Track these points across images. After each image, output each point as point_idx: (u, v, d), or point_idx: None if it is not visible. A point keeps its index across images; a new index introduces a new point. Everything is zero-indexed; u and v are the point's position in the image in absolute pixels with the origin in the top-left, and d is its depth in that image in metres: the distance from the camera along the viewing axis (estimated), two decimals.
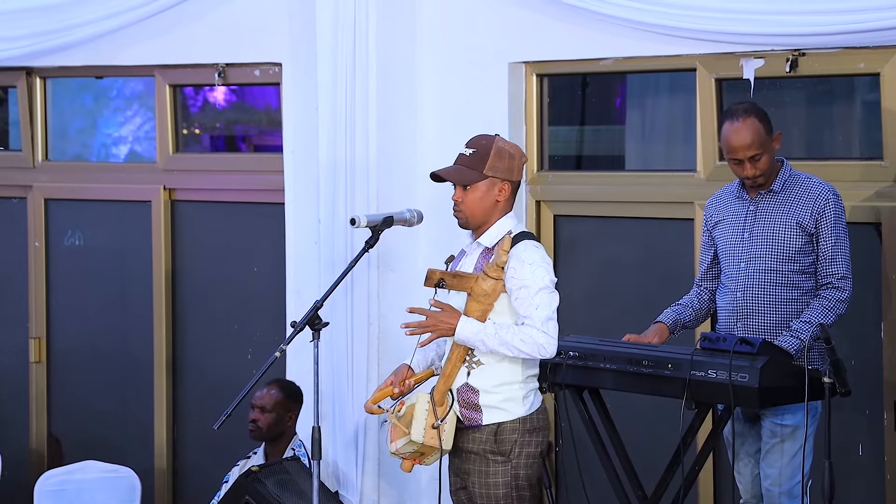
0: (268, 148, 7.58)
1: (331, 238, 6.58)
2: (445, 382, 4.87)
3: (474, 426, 4.87)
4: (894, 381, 5.63)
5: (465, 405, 4.87)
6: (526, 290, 4.79)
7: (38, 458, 7.87)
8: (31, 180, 7.87)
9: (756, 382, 4.88)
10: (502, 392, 4.86)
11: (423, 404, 4.86)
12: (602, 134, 6.92)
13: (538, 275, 4.81)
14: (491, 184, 4.88)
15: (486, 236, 4.92)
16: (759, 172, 5.24)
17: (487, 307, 4.82)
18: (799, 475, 5.18)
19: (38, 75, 7.79)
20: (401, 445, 4.88)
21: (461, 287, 4.85)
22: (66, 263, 7.83)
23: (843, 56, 5.69)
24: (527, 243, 4.86)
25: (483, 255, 4.91)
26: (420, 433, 4.83)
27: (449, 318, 4.82)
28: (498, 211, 4.91)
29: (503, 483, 4.86)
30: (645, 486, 5.35)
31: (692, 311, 5.50)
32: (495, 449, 4.85)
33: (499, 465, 4.86)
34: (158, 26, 7.15)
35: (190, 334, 7.48)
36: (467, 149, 4.92)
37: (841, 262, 5.22)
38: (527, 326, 4.78)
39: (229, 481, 6.41)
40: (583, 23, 6.16)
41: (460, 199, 4.90)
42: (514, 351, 4.79)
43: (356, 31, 6.46)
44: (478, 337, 4.80)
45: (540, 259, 4.84)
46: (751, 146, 5.21)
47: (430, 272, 4.86)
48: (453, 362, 4.87)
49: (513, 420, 4.86)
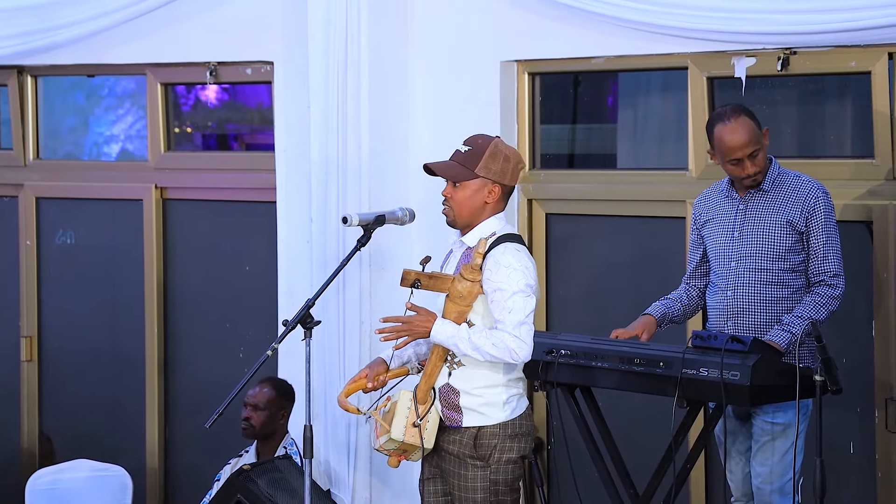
0: (260, 147, 7.57)
1: (323, 237, 6.57)
2: (427, 381, 4.86)
3: (455, 427, 4.85)
4: (885, 379, 5.64)
5: (446, 405, 4.85)
6: (500, 294, 4.75)
7: (30, 456, 7.86)
8: (23, 179, 7.86)
9: (747, 381, 4.89)
10: (483, 395, 4.83)
11: (405, 402, 4.84)
12: (594, 132, 6.92)
13: (513, 278, 4.75)
14: (482, 184, 4.85)
15: (470, 236, 4.89)
16: (759, 169, 5.24)
17: (465, 309, 4.79)
18: (790, 473, 5.19)
19: (29, 74, 7.78)
20: (383, 442, 4.87)
21: (437, 288, 4.83)
22: (57, 262, 7.82)
23: (834, 55, 5.70)
24: (507, 246, 4.81)
25: (465, 255, 4.89)
26: (400, 431, 4.81)
27: (424, 322, 4.78)
28: (486, 213, 4.87)
29: (481, 488, 4.82)
30: (636, 484, 5.35)
31: (681, 305, 5.50)
32: (474, 453, 4.82)
33: (478, 469, 4.83)
34: (150, 25, 7.14)
35: (182, 333, 7.48)
36: (464, 146, 4.90)
37: (833, 259, 5.23)
38: (499, 331, 4.75)
39: (221, 480, 6.40)
40: (575, 21, 6.16)
41: (450, 195, 4.88)
42: (485, 355, 4.75)
43: (348, 29, 6.46)
44: (452, 341, 4.77)
45: (517, 262, 4.78)
46: (748, 143, 5.22)
47: (406, 273, 4.84)
48: (434, 361, 4.85)
49: (493, 425, 4.83)
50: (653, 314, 5.46)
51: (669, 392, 5.04)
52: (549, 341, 5.35)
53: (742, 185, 5.32)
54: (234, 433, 6.46)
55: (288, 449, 6.39)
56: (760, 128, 5.27)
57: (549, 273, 6.55)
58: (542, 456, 6.50)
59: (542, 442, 6.48)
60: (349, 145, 6.50)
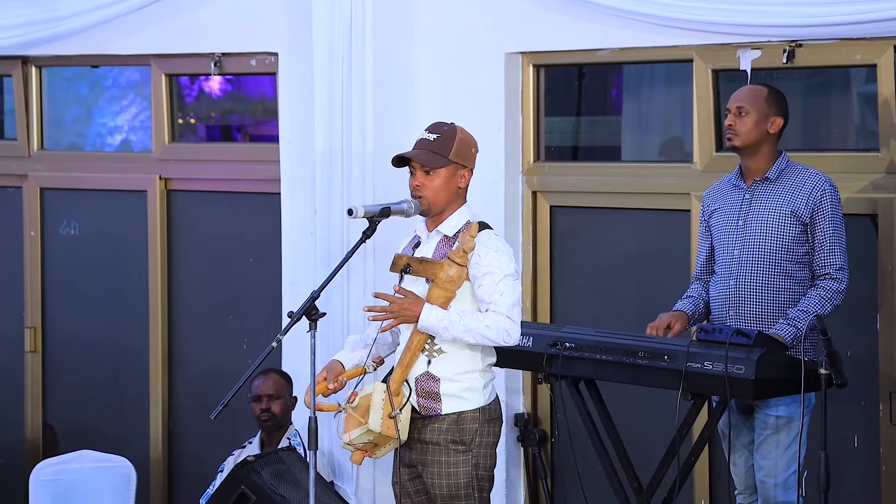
0: (264, 138, 7.57)
1: (327, 228, 6.57)
2: (403, 372, 4.85)
3: (433, 416, 4.84)
4: (890, 373, 5.63)
5: (423, 395, 4.85)
6: (491, 277, 4.78)
7: (34, 447, 7.87)
8: (27, 169, 7.86)
9: (752, 374, 4.88)
10: (463, 381, 4.84)
11: (379, 393, 4.83)
12: (598, 125, 6.92)
13: (503, 262, 4.80)
14: (454, 170, 4.89)
15: (446, 224, 4.91)
16: (738, 127, 5.25)
17: (451, 294, 4.81)
18: (794, 466, 5.19)
19: (33, 64, 7.77)
20: (356, 436, 4.83)
21: (427, 273, 4.83)
22: (61, 253, 7.82)
23: (839, 47, 5.69)
24: (489, 232, 4.87)
25: (443, 244, 4.89)
26: (378, 422, 4.79)
27: (413, 306, 4.79)
28: (458, 198, 4.91)
29: (464, 473, 4.82)
30: (641, 477, 5.35)
31: (703, 303, 5.48)
32: (457, 438, 4.82)
33: (460, 454, 4.83)
34: (154, 15, 7.14)
35: (185, 324, 7.48)
36: (430, 134, 4.92)
37: (838, 253, 5.23)
38: (491, 313, 4.77)
39: (224, 471, 6.41)
40: (579, 13, 6.15)
41: (421, 184, 4.89)
42: (477, 338, 4.77)
43: (352, 20, 6.45)
44: (442, 324, 4.77)
45: (504, 247, 4.85)
46: (743, 99, 5.30)
47: (397, 257, 4.86)
48: (413, 351, 4.85)
49: (473, 409, 4.84)
50: (684, 310, 5.44)
51: (674, 385, 5.04)
52: (554, 334, 5.35)
53: (726, 139, 5.33)
54: (238, 424, 6.46)
55: (292, 440, 6.39)
56: (775, 110, 5.27)
57: (554, 265, 6.54)
58: (545, 448, 6.50)
59: (547, 435, 6.49)
60: (353, 137, 6.50)
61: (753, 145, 5.29)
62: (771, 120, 5.30)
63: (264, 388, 6.43)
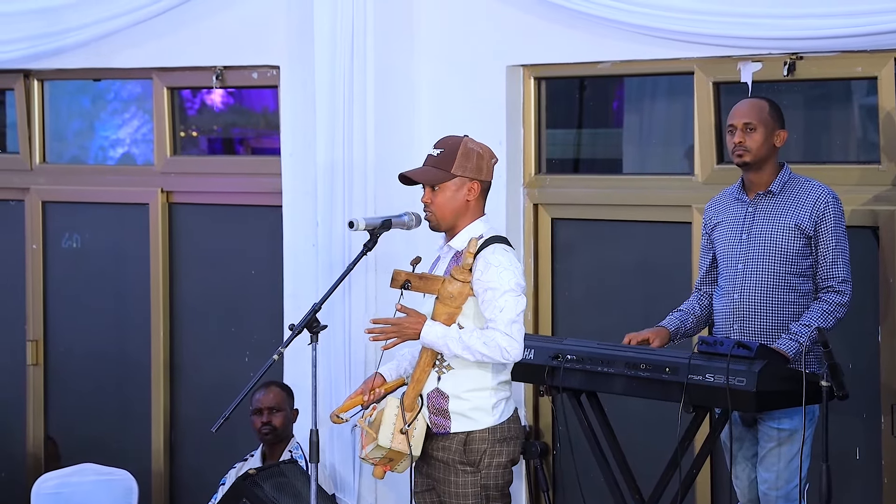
0: (265, 151, 7.58)
1: (328, 241, 6.57)
2: (415, 387, 4.85)
3: (443, 433, 4.84)
4: (892, 385, 5.63)
5: (434, 411, 4.84)
6: (492, 293, 4.76)
7: (35, 460, 7.87)
8: (29, 183, 7.87)
9: (753, 386, 4.88)
10: (472, 399, 4.82)
11: (391, 409, 4.83)
12: (600, 137, 6.92)
13: (504, 277, 4.76)
14: (460, 183, 4.86)
15: (457, 240, 4.90)
16: (748, 144, 5.25)
17: (455, 310, 4.79)
18: (796, 479, 5.18)
19: (35, 78, 7.78)
20: (370, 451, 4.85)
21: (427, 289, 4.83)
22: (63, 266, 7.83)
23: (840, 60, 5.69)
24: (496, 247, 4.82)
25: (454, 259, 4.89)
26: (387, 438, 4.79)
27: (413, 323, 4.79)
28: (469, 212, 4.88)
29: (472, 494, 4.82)
30: (642, 489, 5.35)
31: (693, 318, 5.49)
32: (464, 459, 4.82)
33: (468, 475, 4.82)
34: (156, 29, 7.15)
35: (187, 337, 7.48)
36: (435, 149, 4.90)
37: (841, 265, 5.22)
38: (490, 330, 4.75)
39: (226, 484, 6.41)
40: (580, 26, 6.16)
41: (430, 201, 4.88)
42: (476, 355, 4.75)
43: (354, 34, 6.47)
44: (442, 341, 4.77)
45: (507, 262, 4.80)
46: (748, 114, 5.28)
47: (396, 273, 4.84)
48: (423, 367, 4.84)
49: (482, 430, 4.82)
50: (667, 327, 5.45)
51: (675, 397, 5.04)
52: (555, 346, 5.35)
53: (733, 158, 5.31)
54: (240, 437, 6.46)
55: (293, 453, 6.39)
56: (778, 123, 5.28)
57: (555, 277, 6.54)
58: (547, 461, 6.50)
59: (548, 447, 6.48)
60: (355, 149, 6.50)
61: (763, 160, 5.30)
62: (777, 133, 5.30)
63: (265, 401, 6.43)
